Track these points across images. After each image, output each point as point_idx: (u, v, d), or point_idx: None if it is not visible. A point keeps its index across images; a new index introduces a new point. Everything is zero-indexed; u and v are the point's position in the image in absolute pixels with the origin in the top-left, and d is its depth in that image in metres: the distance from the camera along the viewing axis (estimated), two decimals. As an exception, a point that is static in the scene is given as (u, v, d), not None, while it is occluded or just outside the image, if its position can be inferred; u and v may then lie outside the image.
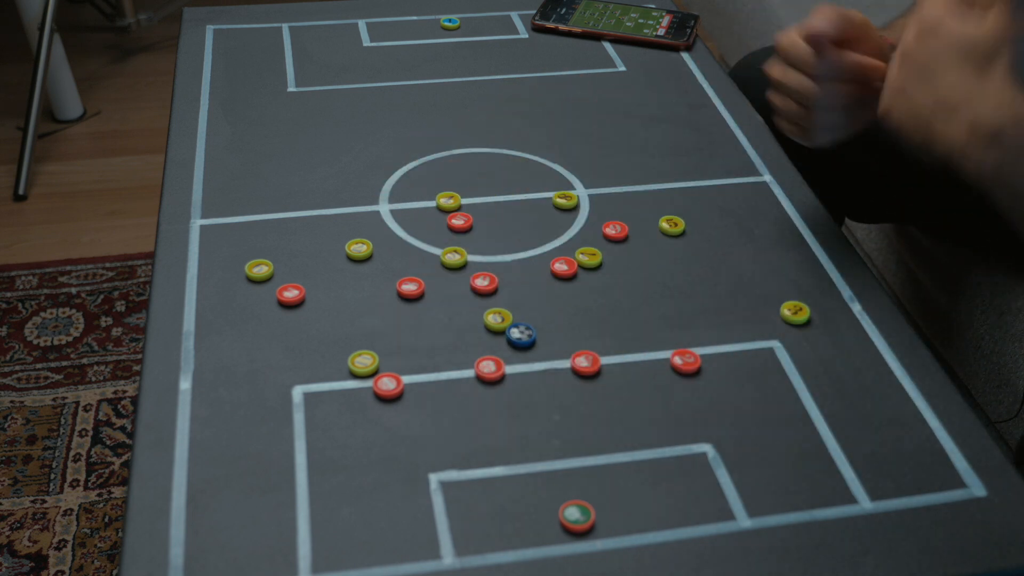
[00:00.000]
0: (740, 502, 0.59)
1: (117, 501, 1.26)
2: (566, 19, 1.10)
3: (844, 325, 0.72)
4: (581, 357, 0.68)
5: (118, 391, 1.43)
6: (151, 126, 2.03)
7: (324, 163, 0.88)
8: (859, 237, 1.40)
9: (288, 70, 1.01)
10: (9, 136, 1.97)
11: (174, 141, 0.89)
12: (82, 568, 1.19)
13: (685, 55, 1.06)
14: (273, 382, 0.66)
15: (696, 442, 0.63)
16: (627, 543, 0.57)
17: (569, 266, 0.76)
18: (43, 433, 1.36)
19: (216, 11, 1.11)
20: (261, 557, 0.55)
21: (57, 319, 1.55)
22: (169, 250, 0.77)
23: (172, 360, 0.67)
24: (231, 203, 0.82)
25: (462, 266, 0.77)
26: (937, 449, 0.63)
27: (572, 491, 0.60)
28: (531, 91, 0.99)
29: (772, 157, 0.90)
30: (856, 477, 0.61)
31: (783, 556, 0.56)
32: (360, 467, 0.61)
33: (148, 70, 2.22)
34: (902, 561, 0.56)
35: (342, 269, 0.76)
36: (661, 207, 0.84)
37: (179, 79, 0.99)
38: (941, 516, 0.59)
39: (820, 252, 0.79)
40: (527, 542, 0.57)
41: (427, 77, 1.01)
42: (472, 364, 0.68)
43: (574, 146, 0.91)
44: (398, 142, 0.91)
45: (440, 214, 0.82)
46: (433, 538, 0.57)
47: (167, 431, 0.62)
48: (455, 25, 1.10)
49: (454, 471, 0.61)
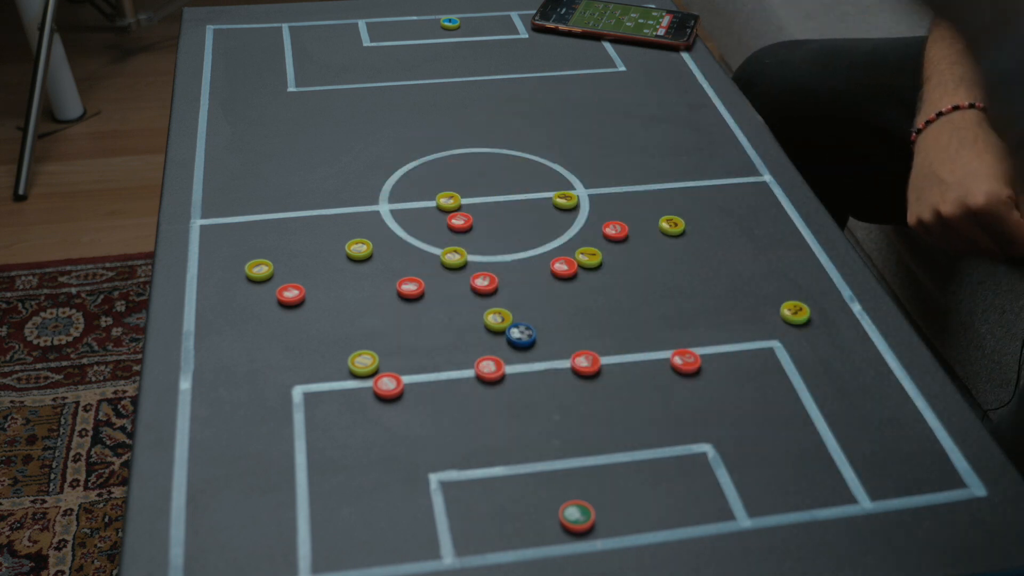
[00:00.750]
0: (740, 502, 0.59)
1: (117, 501, 1.26)
2: (566, 19, 1.10)
3: (844, 325, 0.72)
4: (581, 357, 0.68)
5: (118, 391, 1.43)
6: (151, 126, 2.03)
7: (324, 163, 0.88)
8: (859, 237, 1.40)
9: (288, 70, 1.01)
10: (9, 136, 1.97)
11: (174, 141, 0.89)
12: (82, 568, 1.19)
13: (685, 55, 1.06)
14: (273, 382, 0.66)
15: (696, 442, 0.63)
16: (627, 543, 0.57)
17: (569, 266, 0.76)
18: (43, 433, 1.36)
19: (216, 11, 1.11)
20: (261, 557, 0.55)
21: (57, 319, 1.55)
22: (169, 250, 0.77)
23: (172, 360, 0.67)
24: (231, 203, 0.82)
25: (462, 266, 0.77)
26: (937, 449, 0.63)
27: (572, 491, 0.60)
28: (531, 91, 0.99)
29: (772, 157, 0.90)
30: (856, 477, 0.61)
31: (783, 556, 0.56)
32: (360, 467, 0.61)
33: (148, 70, 2.22)
34: (902, 561, 0.56)
35: (342, 269, 0.76)
36: (661, 207, 0.84)
37: (179, 79, 0.99)
38: (941, 516, 0.59)
39: (820, 252, 0.79)
40: (527, 542, 0.57)
41: (427, 77, 1.01)
42: (472, 364, 0.68)
43: (574, 146, 0.91)
44: (398, 142, 0.91)
45: (440, 214, 0.82)
46: (433, 538, 0.57)
47: (167, 431, 0.62)
48: (455, 25, 1.10)
49: (454, 471, 0.61)
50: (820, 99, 1.03)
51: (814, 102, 1.03)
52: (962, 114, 0.81)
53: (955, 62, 0.85)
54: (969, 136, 0.79)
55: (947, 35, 0.88)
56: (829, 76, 1.03)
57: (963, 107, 0.81)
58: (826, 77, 1.03)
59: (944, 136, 0.80)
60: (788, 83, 1.05)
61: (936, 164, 0.80)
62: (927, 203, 0.80)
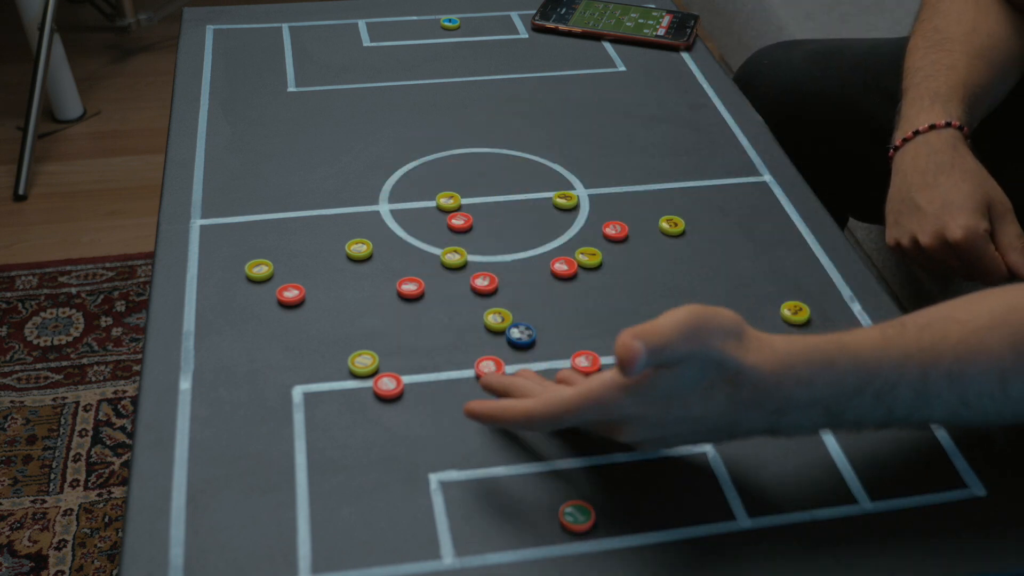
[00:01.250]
0: (740, 502, 0.59)
1: (117, 501, 1.26)
2: (566, 19, 1.10)
3: (844, 325, 0.72)
4: (581, 357, 0.68)
5: (118, 391, 1.43)
6: (151, 126, 2.03)
7: (324, 163, 0.88)
8: (859, 237, 1.40)
9: (288, 70, 1.01)
10: (9, 136, 1.97)
11: (174, 141, 0.89)
12: (82, 568, 1.19)
13: (685, 55, 1.06)
14: (273, 382, 0.66)
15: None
16: (627, 543, 0.57)
17: (569, 266, 0.76)
18: (43, 433, 1.36)
19: (216, 11, 1.11)
20: (261, 557, 0.55)
21: (57, 319, 1.55)
22: (169, 250, 0.77)
23: (172, 360, 0.67)
24: (231, 203, 0.82)
25: (462, 266, 0.77)
26: (937, 449, 0.63)
27: (572, 491, 0.60)
28: (531, 91, 0.99)
29: (772, 157, 0.90)
30: (856, 477, 0.61)
31: (783, 556, 0.56)
32: (360, 467, 0.61)
33: (148, 70, 2.22)
34: (902, 561, 0.56)
35: (342, 269, 0.76)
36: (661, 207, 0.84)
37: (179, 79, 0.99)
38: (941, 516, 0.59)
39: (820, 252, 0.79)
40: (527, 542, 0.57)
41: (427, 77, 1.01)
42: (472, 364, 0.68)
43: (574, 146, 0.91)
44: (398, 142, 0.91)
45: (440, 214, 0.82)
46: (433, 538, 0.57)
47: (167, 431, 0.62)
48: (455, 25, 1.10)
49: (454, 471, 0.61)
50: (820, 99, 1.03)
51: (814, 102, 1.03)
52: (938, 134, 0.81)
53: (929, 75, 0.85)
54: (947, 161, 0.80)
55: (922, 44, 0.89)
56: (829, 76, 1.03)
57: (939, 126, 0.81)
58: (826, 77, 1.03)
59: (921, 159, 0.81)
60: (788, 83, 1.05)
61: (914, 189, 0.81)
62: (906, 229, 0.82)
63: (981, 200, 0.79)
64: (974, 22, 0.88)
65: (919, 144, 0.82)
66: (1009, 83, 0.90)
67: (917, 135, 0.82)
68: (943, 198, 0.79)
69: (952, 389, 0.54)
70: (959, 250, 0.78)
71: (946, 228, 0.78)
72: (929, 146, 0.81)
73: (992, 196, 0.79)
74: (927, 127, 0.82)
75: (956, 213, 0.78)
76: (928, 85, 0.85)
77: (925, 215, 0.80)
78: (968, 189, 0.79)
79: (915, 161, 0.82)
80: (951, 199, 0.79)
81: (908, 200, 0.81)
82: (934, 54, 0.87)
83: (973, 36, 0.87)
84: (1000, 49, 0.87)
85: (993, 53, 0.87)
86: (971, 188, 0.79)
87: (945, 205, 0.79)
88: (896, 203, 0.83)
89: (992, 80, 0.87)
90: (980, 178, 0.80)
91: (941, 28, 0.89)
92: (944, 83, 0.84)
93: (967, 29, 0.88)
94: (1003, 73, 0.88)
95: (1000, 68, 0.87)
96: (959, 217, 0.78)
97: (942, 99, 0.83)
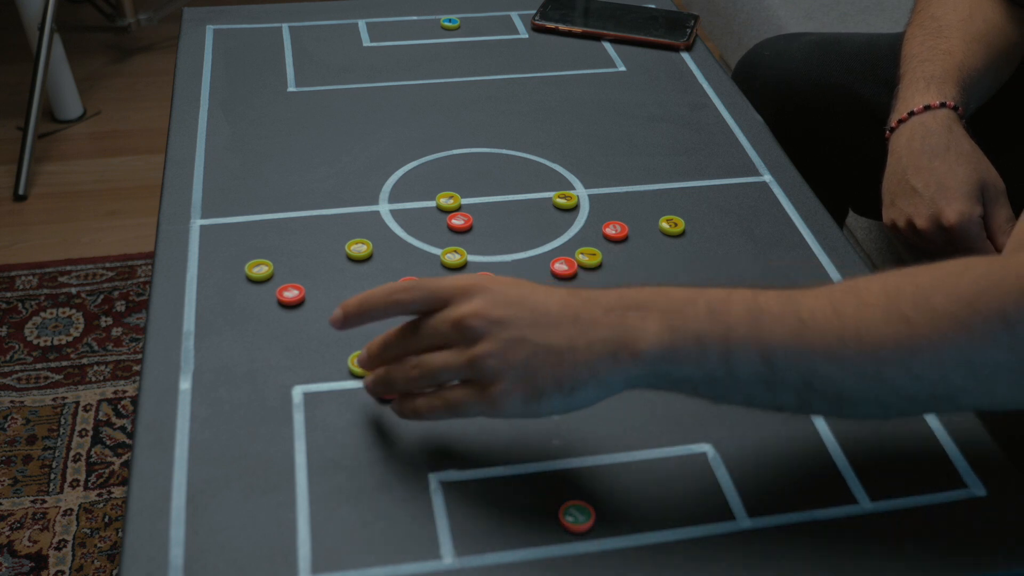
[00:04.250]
0: (740, 502, 0.59)
1: (117, 501, 1.26)
2: (566, 19, 1.10)
3: (844, 325, 0.72)
4: (581, 357, 0.68)
5: (118, 391, 1.43)
6: (151, 126, 2.03)
7: (324, 163, 0.88)
8: (859, 237, 1.40)
9: (288, 70, 1.01)
10: (9, 136, 1.97)
11: (174, 141, 0.89)
12: (82, 568, 1.19)
13: (685, 55, 1.06)
14: (273, 382, 0.66)
15: (696, 442, 0.63)
16: (627, 543, 0.57)
17: (569, 266, 0.76)
18: (43, 433, 1.36)
19: (216, 11, 1.11)
20: (261, 557, 0.55)
21: (57, 319, 1.55)
22: (169, 250, 0.77)
23: (172, 360, 0.67)
24: (231, 203, 0.82)
25: (462, 266, 0.77)
26: (937, 449, 0.63)
27: (572, 491, 0.60)
28: (531, 91, 0.99)
29: (772, 157, 0.90)
30: (856, 477, 0.61)
31: (783, 556, 0.56)
32: (360, 467, 0.61)
33: (148, 70, 2.22)
34: (902, 561, 0.56)
35: (342, 269, 0.76)
36: (661, 207, 0.84)
37: (179, 79, 0.99)
38: (941, 516, 0.59)
39: (820, 252, 0.79)
40: (527, 542, 0.57)
41: (427, 77, 1.01)
42: (472, 364, 0.68)
43: (574, 146, 0.91)
44: (398, 142, 0.91)
45: (440, 214, 0.82)
46: (433, 538, 0.57)
47: (167, 431, 0.62)
48: (455, 25, 1.10)
49: (454, 471, 0.61)
50: (819, 90, 1.03)
51: (813, 93, 1.03)
52: (933, 114, 0.82)
53: (925, 59, 0.86)
54: (942, 143, 0.81)
55: (919, 32, 0.89)
56: (829, 66, 1.03)
57: (934, 106, 0.81)
58: (826, 67, 1.03)
59: (916, 140, 0.82)
60: (787, 74, 1.05)
61: (909, 172, 0.81)
62: (901, 211, 0.82)
63: (976, 184, 0.79)
64: (970, 9, 0.89)
65: (914, 125, 0.82)
66: (1006, 69, 0.90)
67: (912, 116, 0.83)
68: (938, 181, 0.79)
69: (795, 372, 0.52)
70: (952, 234, 0.79)
71: (940, 213, 0.79)
72: (924, 127, 0.82)
73: (986, 178, 0.80)
74: (922, 108, 0.82)
75: (951, 197, 0.79)
76: (924, 69, 0.85)
77: (921, 198, 0.80)
78: (963, 173, 0.79)
79: (910, 142, 0.82)
80: (946, 183, 0.79)
81: (904, 182, 0.82)
82: (931, 40, 0.87)
83: (970, 22, 0.88)
84: (997, 35, 0.88)
85: (990, 37, 0.87)
86: (966, 172, 0.79)
87: (940, 189, 0.79)
88: (892, 184, 0.84)
89: (989, 63, 0.87)
90: (975, 160, 0.80)
91: (938, 16, 0.90)
92: (940, 66, 0.85)
93: (963, 16, 0.88)
94: (1000, 58, 0.88)
95: (997, 52, 0.88)
96: (954, 202, 0.78)
97: (937, 81, 0.83)
